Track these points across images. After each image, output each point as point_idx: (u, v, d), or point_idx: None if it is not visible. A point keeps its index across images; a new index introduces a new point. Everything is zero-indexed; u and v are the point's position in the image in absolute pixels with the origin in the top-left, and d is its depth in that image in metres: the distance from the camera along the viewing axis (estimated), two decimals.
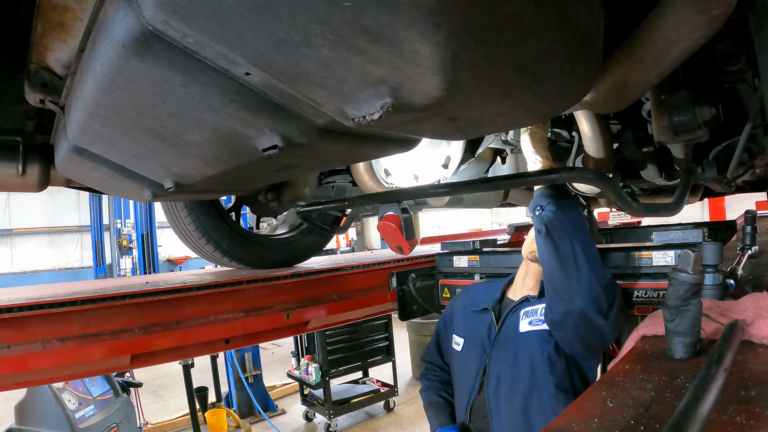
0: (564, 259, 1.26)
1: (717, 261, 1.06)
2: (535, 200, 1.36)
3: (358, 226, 13.86)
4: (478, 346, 1.54)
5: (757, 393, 0.57)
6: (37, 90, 1.01)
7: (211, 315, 1.89)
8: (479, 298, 1.67)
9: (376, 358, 5.77)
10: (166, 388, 6.97)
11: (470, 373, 1.53)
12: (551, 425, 0.57)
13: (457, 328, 1.67)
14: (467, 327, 1.63)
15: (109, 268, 11.59)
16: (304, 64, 0.59)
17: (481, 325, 1.57)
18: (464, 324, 1.65)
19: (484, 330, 1.55)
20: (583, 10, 0.61)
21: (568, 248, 1.26)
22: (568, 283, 1.26)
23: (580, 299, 1.24)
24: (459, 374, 1.61)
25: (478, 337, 1.56)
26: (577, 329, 1.29)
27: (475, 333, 1.58)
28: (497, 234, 4.78)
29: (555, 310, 1.33)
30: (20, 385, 1.77)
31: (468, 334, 1.61)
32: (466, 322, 1.64)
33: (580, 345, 1.34)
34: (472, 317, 1.63)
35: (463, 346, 1.60)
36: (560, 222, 1.28)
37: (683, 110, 1.22)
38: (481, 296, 1.67)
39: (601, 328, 1.27)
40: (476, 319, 1.61)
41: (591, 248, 1.29)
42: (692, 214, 8.85)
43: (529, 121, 0.90)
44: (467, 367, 1.55)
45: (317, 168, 1.51)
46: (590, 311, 1.24)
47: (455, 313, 1.72)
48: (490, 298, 1.62)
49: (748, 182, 2.97)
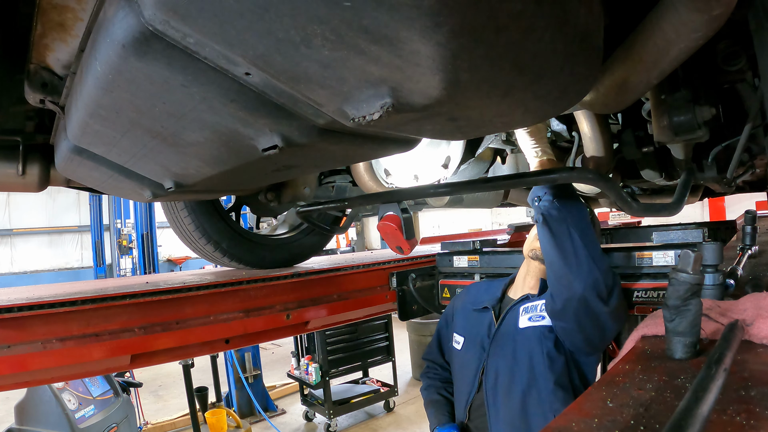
0: (562, 245, 1.29)
1: (717, 261, 1.06)
2: (534, 191, 1.39)
3: (358, 226, 13.86)
4: (477, 345, 1.55)
5: (757, 393, 0.57)
6: (37, 90, 1.01)
7: (211, 315, 1.89)
8: (480, 297, 1.68)
9: (376, 358, 5.76)
10: (166, 388, 6.97)
11: (470, 371, 1.53)
12: (551, 425, 0.57)
13: (458, 326, 1.68)
14: (467, 326, 1.64)
15: (109, 268, 11.59)
16: (304, 64, 0.59)
17: (481, 323, 1.58)
18: (465, 323, 1.66)
19: (483, 328, 1.56)
20: (583, 10, 0.61)
21: (566, 235, 1.29)
22: (567, 268, 1.28)
23: (580, 283, 1.26)
24: (459, 373, 1.61)
25: (477, 335, 1.57)
26: (578, 317, 1.30)
27: (475, 331, 1.59)
28: (497, 234, 4.79)
29: (556, 298, 1.34)
30: (20, 385, 1.77)
31: (468, 332, 1.62)
32: (466, 321, 1.65)
33: (580, 336, 1.34)
34: (472, 316, 1.64)
35: (463, 345, 1.61)
36: (557, 210, 1.32)
37: (683, 110, 1.22)
38: (482, 295, 1.68)
39: (600, 315, 1.28)
40: (476, 318, 1.62)
41: (589, 234, 1.31)
42: (692, 214, 8.85)
43: (529, 121, 0.90)
44: (467, 365, 1.56)
45: (317, 168, 1.51)
46: (590, 296, 1.27)
47: (456, 312, 1.73)
48: (491, 296, 1.63)
49: (748, 182, 2.97)
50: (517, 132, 1.53)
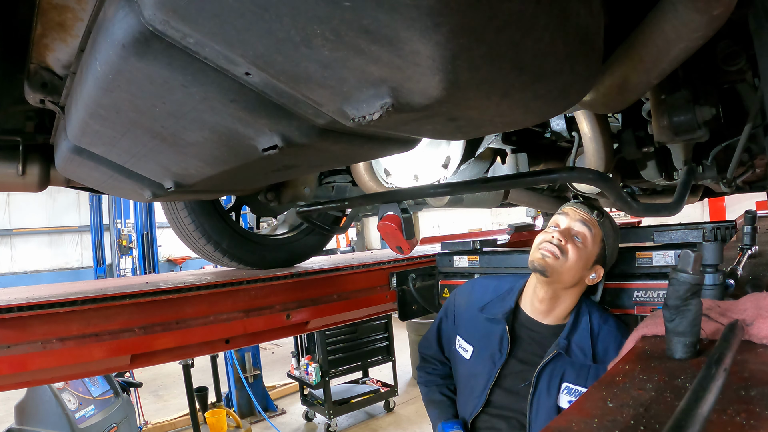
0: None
1: (717, 261, 1.06)
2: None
3: (358, 226, 13.88)
4: (487, 358, 1.45)
5: (757, 393, 0.57)
6: (37, 90, 1.01)
7: (211, 315, 1.90)
8: (486, 297, 1.56)
9: (376, 358, 5.77)
10: (166, 388, 6.97)
11: (477, 384, 1.45)
12: (551, 425, 0.57)
13: (464, 330, 1.57)
14: (476, 334, 1.52)
15: (109, 268, 11.59)
16: (304, 64, 0.59)
17: (492, 334, 1.47)
18: (472, 329, 1.54)
19: (495, 341, 1.46)
20: (584, 10, 0.61)
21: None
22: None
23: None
24: (465, 383, 1.53)
25: (488, 348, 1.47)
26: None
27: (485, 342, 1.48)
28: (497, 234, 4.79)
29: None
30: (20, 385, 1.77)
31: (477, 342, 1.51)
32: (474, 328, 1.54)
33: None
34: (480, 323, 1.52)
35: (472, 355, 1.51)
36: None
37: (683, 110, 1.22)
38: (489, 296, 1.56)
39: None
40: (486, 327, 1.50)
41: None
42: (692, 214, 8.86)
43: (529, 122, 0.90)
44: (475, 378, 1.47)
45: (317, 168, 1.51)
46: None
47: (460, 312, 1.62)
48: (504, 307, 1.50)
49: (748, 182, 2.97)
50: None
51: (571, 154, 1.73)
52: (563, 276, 1.36)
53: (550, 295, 1.41)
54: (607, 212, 1.45)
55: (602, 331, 1.39)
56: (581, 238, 1.38)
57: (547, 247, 1.36)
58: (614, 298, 1.55)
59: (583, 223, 1.39)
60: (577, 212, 1.42)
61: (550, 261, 1.35)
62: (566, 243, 1.36)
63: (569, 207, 1.45)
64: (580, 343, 1.36)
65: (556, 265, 1.34)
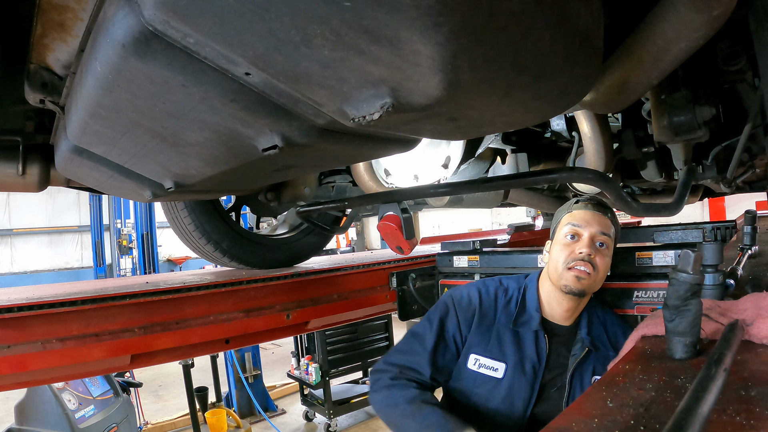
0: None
1: (717, 261, 1.06)
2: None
3: (358, 226, 13.87)
4: (529, 371, 1.32)
5: (757, 393, 0.57)
6: (37, 90, 1.01)
7: (211, 315, 1.89)
8: (505, 308, 1.41)
9: (376, 358, 5.76)
10: (166, 388, 6.97)
11: (516, 402, 1.31)
12: (551, 425, 0.57)
13: (486, 349, 1.38)
14: (505, 348, 1.36)
15: (109, 268, 11.59)
16: (304, 64, 0.59)
17: (526, 344, 1.36)
18: (498, 344, 1.37)
19: (530, 351, 1.35)
20: (583, 10, 0.61)
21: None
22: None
23: None
24: (497, 402, 1.34)
25: (525, 360, 1.34)
26: None
27: (519, 356, 1.34)
28: (497, 234, 4.79)
29: None
30: (20, 385, 1.77)
31: (511, 357, 1.35)
32: (500, 343, 1.37)
33: None
34: (508, 336, 1.37)
35: (506, 372, 1.34)
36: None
37: (683, 110, 1.22)
38: (510, 308, 1.41)
39: None
40: (515, 339, 1.37)
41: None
42: (692, 214, 8.85)
43: (529, 122, 0.90)
44: (510, 394, 1.32)
45: (317, 168, 1.51)
46: None
47: (473, 330, 1.40)
48: (531, 316, 1.38)
49: (748, 182, 2.98)
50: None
51: (571, 154, 1.73)
52: (596, 287, 1.33)
53: (576, 304, 1.36)
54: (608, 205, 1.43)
55: (607, 320, 1.41)
56: (605, 244, 1.33)
57: (581, 267, 1.29)
58: (614, 298, 1.55)
59: (604, 229, 1.33)
60: (595, 217, 1.34)
61: (586, 282, 1.29)
62: (594, 255, 1.30)
63: (587, 213, 1.35)
64: (599, 335, 1.37)
65: (590, 282, 1.30)
